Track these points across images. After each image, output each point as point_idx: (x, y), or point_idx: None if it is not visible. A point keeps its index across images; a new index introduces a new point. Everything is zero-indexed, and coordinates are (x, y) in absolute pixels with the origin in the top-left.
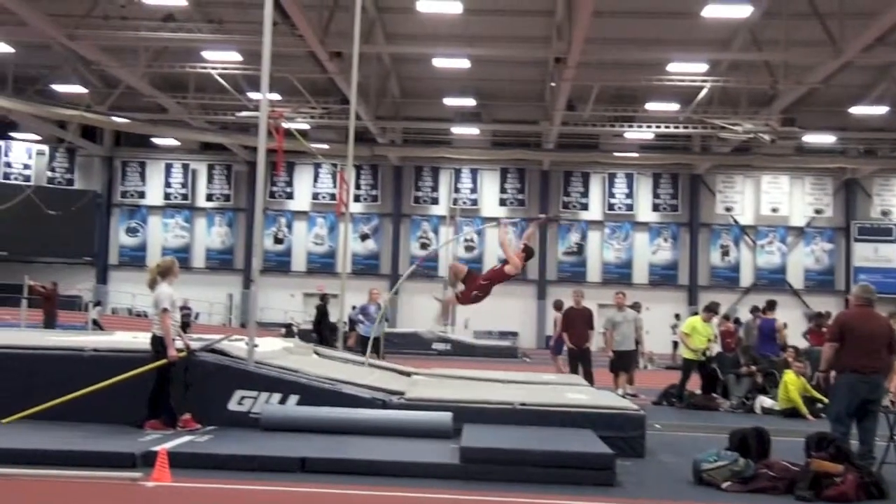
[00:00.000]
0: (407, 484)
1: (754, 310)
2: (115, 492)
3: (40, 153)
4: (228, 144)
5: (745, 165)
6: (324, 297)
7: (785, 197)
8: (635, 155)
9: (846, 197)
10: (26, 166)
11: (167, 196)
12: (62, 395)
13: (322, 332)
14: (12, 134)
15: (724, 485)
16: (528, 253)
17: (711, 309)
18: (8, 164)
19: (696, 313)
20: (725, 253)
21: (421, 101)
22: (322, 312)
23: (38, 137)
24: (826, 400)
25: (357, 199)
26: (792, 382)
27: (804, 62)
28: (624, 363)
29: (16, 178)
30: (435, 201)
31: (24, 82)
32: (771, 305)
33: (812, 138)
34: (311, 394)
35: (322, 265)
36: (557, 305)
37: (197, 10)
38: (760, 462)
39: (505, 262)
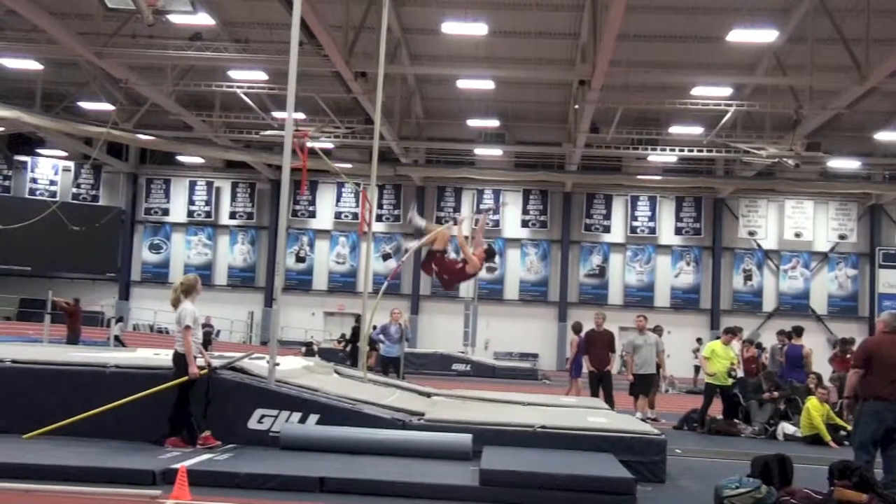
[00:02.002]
0: None
1: (781, 333)
2: None
3: (66, 169)
4: (252, 163)
5: (769, 190)
6: (359, 318)
7: (809, 222)
8: (658, 178)
9: (871, 222)
10: (52, 182)
11: (190, 213)
12: (83, 411)
13: (355, 352)
14: (39, 150)
15: None
16: (489, 253)
17: (731, 331)
18: (34, 180)
19: (719, 338)
20: (748, 277)
21: (445, 122)
22: (357, 332)
23: (65, 154)
24: (850, 427)
25: (379, 218)
26: (815, 409)
27: (829, 87)
28: (644, 387)
29: (41, 194)
30: (456, 222)
31: (52, 99)
32: (798, 331)
33: (837, 163)
34: (331, 413)
35: (343, 284)
36: (576, 328)
37: (224, 29)
38: (783, 489)
39: (464, 260)
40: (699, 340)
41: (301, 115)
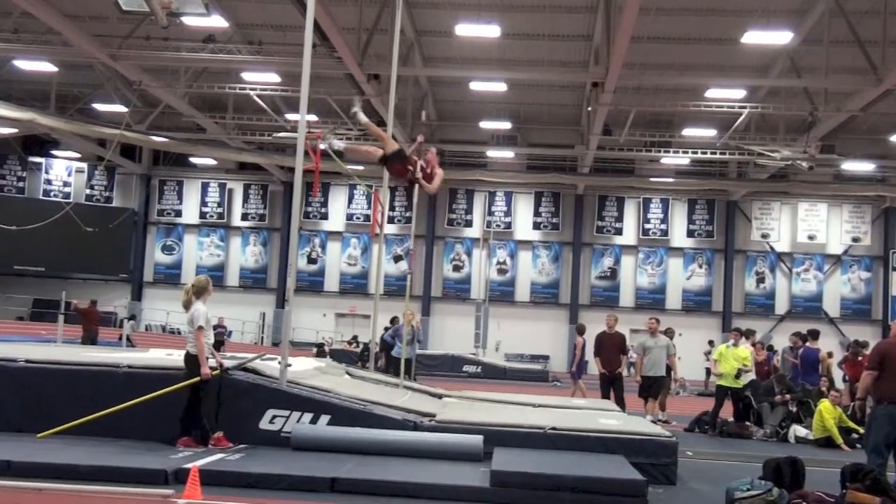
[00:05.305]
0: None
1: (796, 335)
2: None
3: (80, 171)
4: (265, 164)
5: (783, 192)
6: (394, 320)
7: (822, 224)
8: (671, 180)
9: (885, 225)
10: (66, 184)
11: (203, 215)
12: (96, 410)
13: (389, 356)
14: (53, 152)
15: None
16: (441, 156)
17: (739, 331)
18: (48, 182)
19: None
20: (761, 280)
21: (457, 124)
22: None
23: (79, 155)
24: (862, 430)
25: (391, 220)
26: (827, 411)
27: (844, 89)
28: (653, 389)
29: (55, 196)
30: (468, 224)
31: (66, 101)
32: (814, 335)
33: (851, 166)
34: (343, 414)
35: (355, 286)
36: (580, 329)
37: (237, 31)
38: (794, 492)
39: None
40: (711, 343)
41: (314, 117)
